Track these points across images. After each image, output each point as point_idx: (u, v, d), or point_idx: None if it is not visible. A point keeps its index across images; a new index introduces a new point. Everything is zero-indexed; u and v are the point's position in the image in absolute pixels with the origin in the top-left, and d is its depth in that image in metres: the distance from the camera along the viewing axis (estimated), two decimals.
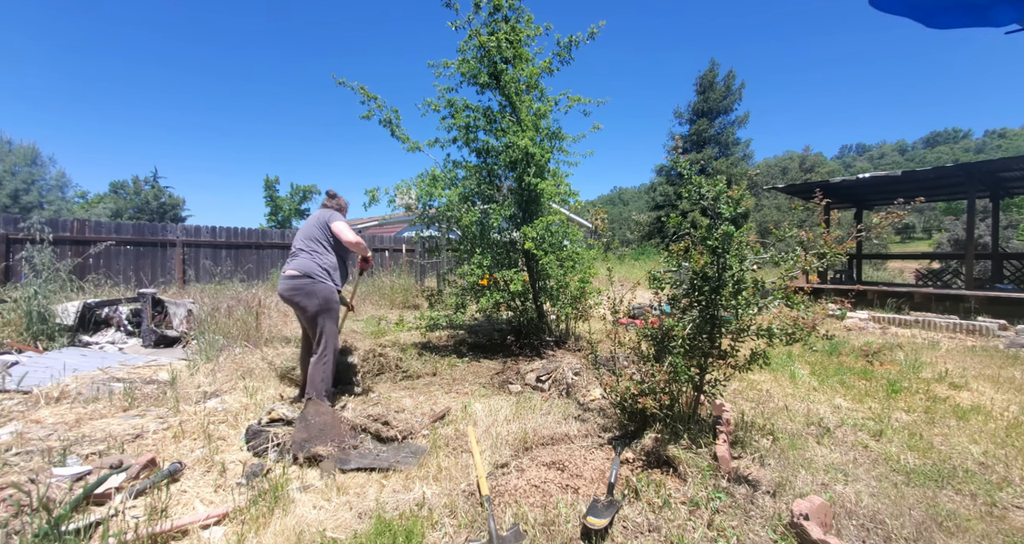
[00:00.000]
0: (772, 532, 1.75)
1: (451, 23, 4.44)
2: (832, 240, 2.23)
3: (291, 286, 2.93)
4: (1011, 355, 4.78)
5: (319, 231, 3.10)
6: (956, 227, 19.42)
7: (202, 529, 1.79)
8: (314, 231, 3.10)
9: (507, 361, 4.37)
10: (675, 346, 2.33)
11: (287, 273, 2.96)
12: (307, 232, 3.11)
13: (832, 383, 3.74)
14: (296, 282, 2.93)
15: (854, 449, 2.54)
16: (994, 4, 1.71)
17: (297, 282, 2.92)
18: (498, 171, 4.68)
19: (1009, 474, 2.29)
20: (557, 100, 4.67)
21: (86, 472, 2.14)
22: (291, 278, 2.94)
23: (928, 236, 46.50)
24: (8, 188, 26.73)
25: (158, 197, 32.82)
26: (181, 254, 9.49)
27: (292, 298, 2.95)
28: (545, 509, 1.86)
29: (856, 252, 11.32)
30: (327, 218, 3.12)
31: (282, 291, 2.97)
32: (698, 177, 2.41)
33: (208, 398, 3.28)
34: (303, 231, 3.14)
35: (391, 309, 7.97)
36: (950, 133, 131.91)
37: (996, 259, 9.96)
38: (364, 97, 4.43)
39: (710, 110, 30.96)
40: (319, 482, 2.17)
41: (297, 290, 2.92)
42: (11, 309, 4.95)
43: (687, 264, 2.37)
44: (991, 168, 7.79)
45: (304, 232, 3.13)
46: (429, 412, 3.04)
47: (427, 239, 5.36)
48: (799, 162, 48.54)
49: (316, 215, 3.19)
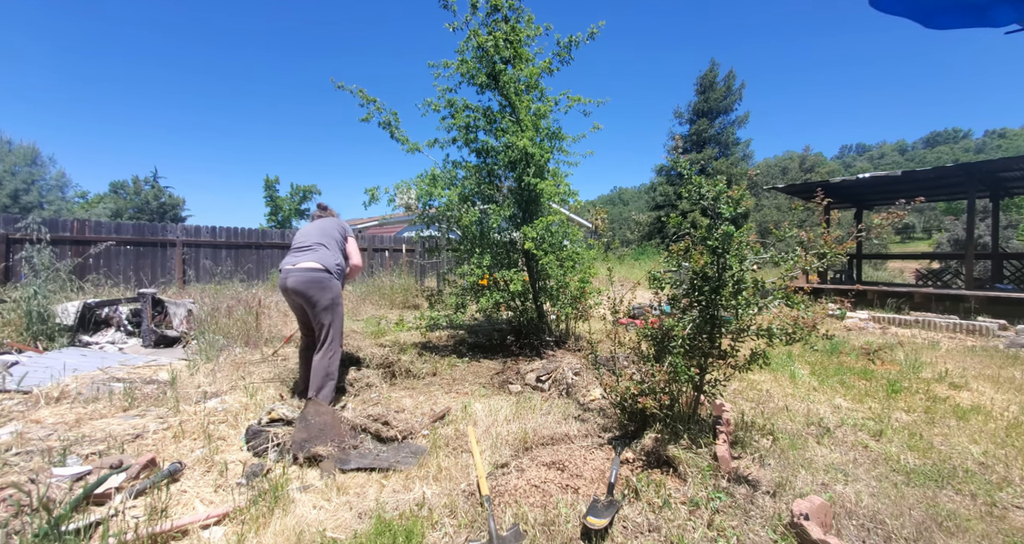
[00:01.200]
0: (772, 532, 1.75)
1: (449, 24, 4.44)
2: (832, 240, 2.23)
3: (309, 278, 2.92)
4: (1011, 355, 4.78)
5: (339, 235, 3.19)
6: (956, 227, 19.43)
7: (202, 529, 1.79)
8: (334, 233, 3.18)
9: (507, 361, 4.37)
10: (675, 346, 2.33)
11: (304, 265, 2.94)
12: (326, 231, 3.16)
13: (832, 383, 3.75)
14: (315, 275, 2.94)
15: (854, 449, 2.54)
16: (994, 4, 1.71)
17: (316, 275, 2.94)
18: (498, 171, 4.68)
19: (1009, 474, 2.29)
20: (557, 100, 4.67)
21: (86, 472, 2.14)
22: (311, 270, 2.94)
23: (928, 236, 46.50)
24: (8, 188, 26.74)
25: (158, 197, 32.82)
26: (181, 254, 9.49)
27: (307, 290, 2.92)
28: (545, 509, 1.86)
29: (856, 252, 11.32)
30: (345, 229, 3.30)
31: (295, 283, 2.91)
32: (698, 177, 2.41)
33: (208, 398, 3.28)
34: (320, 230, 3.16)
35: (391, 309, 7.98)
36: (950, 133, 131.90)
37: (996, 259, 9.97)
38: (363, 100, 4.42)
39: (710, 110, 30.97)
40: (319, 482, 2.17)
41: (314, 282, 2.93)
42: (11, 309, 4.95)
43: (687, 264, 2.37)
44: (991, 168, 7.79)
45: (321, 230, 3.15)
46: (429, 412, 3.04)
47: (427, 239, 5.36)
48: (799, 162, 48.54)
49: (332, 221, 3.32)
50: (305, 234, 3.15)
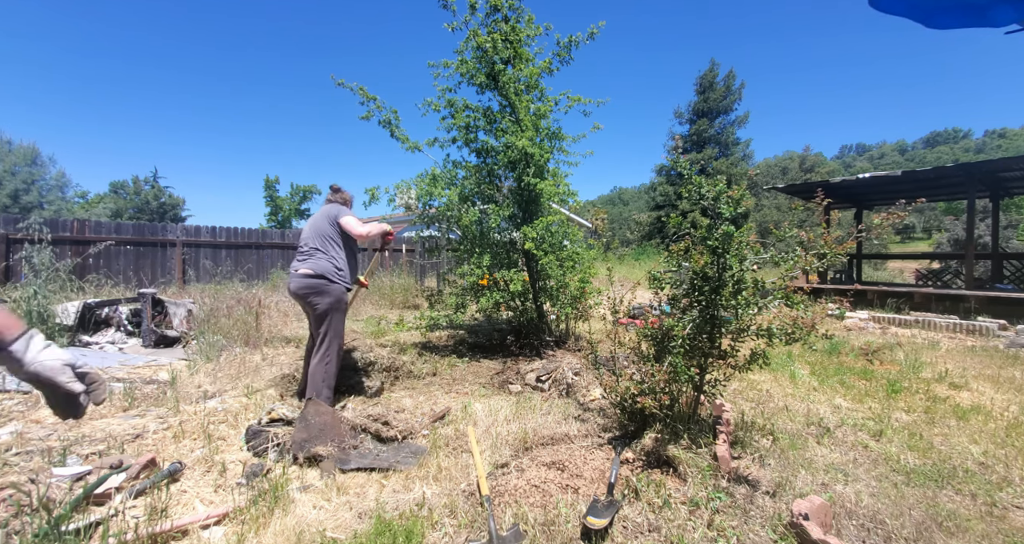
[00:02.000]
0: (772, 532, 1.75)
1: (448, 25, 4.43)
2: (832, 240, 2.23)
3: (304, 284, 2.95)
4: (1011, 355, 4.78)
5: (330, 227, 3.09)
6: (956, 227, 19.44)
7: (202, 529, 1.79)
8: (325, 228, 3.09)
9: (507, 361, 4.37)
10: (675, 346, 2.33)
11: (301, 271, 2.96)
12: (318, 229, 3.09)
13: (832, 383, 3.74)
14: (310, 281, 2.94)
15: (854, 449, 2.54)
16: (994, 4, 1.71)
17: (311, 281, 2.94)
18: (498, 171, 4.68)
19: (1009, 474, 2.29)
20: (557, 100, 4.67)
21: (86, 472, 2.14)
22: (305, 276, 2.95)
23: (928, 236, 46.51)
24: (8, 188, 26.75)
25: (158, 197, 32.84)
26: (181, 254, 9.49)
27: (304, 296, 2.97)
28: (545, 509, 1.86)
29: (856, 252, 11.33)
30: (335, 214, 3.12)
31: (295, 288, 2.99)
32: (698, 177, 2.41)
33: (208, 398, 3.28)
34: (313, 228, 3.12)
35: (391, 309, 7.97)
36: (950, 133, 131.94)
37: (996, 259, 9.97)
38: (363, 98, 4.42)
39: (710, 110, 30.99)
40: (319, 482, 2.17)
41: (310, 289, 2.94)
42: (11, 309, 4.94)
43: (687, 264, 2.37)
44: (991, 168, 7.80)
45: (315, 229, 3.10)
46: (429, 412, 3.04)
47: (427, 239, 5.36)
48: (799, 162, 48.57)
49: (324, 211, 3.18)
50: (304, 235, 3.14)
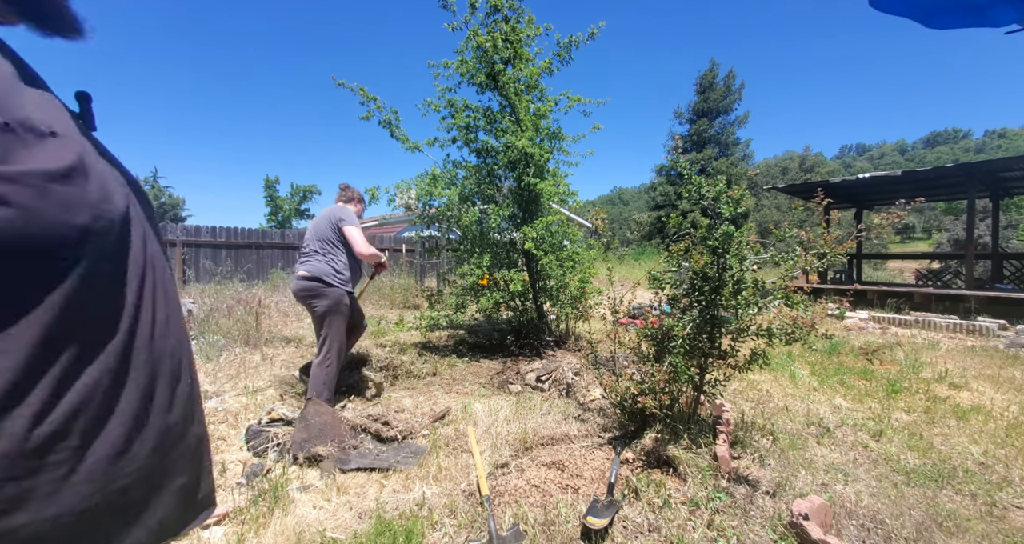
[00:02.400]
0: (772, 532, 1.75)
1: (448, 25, 4.43)
2: (832, 240, 2.23)
3: (302, 287, 2.97)
4: (1011, 355, 4.78)
5: (331, 231, 3.08)
6: (956, 227, 19.44)
7: (202, 529, 1.79)
8: (326, 231, 3.08)
9: (507, 361, 4.37)
10: (675, 346, 2.33)
11: (300, 273, 2.99)
12: (319, 231, 3.09)
13: (832, 383, 3.74)
14: (308, 283, 2.96)
15: (854, 449, 2.54)
16: (994, 4, 1.70)
17: (309, 283, 2.95)
18: (498, 171, 4.68)
19: (1009, 474, 2.29)
20: (557, 100, 4.67)
21: None
22: (303, 279, 2.96)
23: (928, 236, 46.51)
24: None
25: (158, 197, 32.82)
26: (181, 254, 9.49)
27: (303, 298, 3.00)
28: (545, 509, 1.86)
29: (856, 252, 11.32)
30: (338, 217, 3.08)
31: (294, 290, 3.04)
32: (698, 177, 2.41)
33: (208, 398, 3.28)
34: (315, 230, 3.11)
35: (391, 309, 7.98)
36: (950, 133, 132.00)
37: (996, 259, 9.97)
38: (364, 98, 4.42)
39: (710, 110, 31.00)
40: (319, 482, 2.17)
41: (308, 291, 2.96)
42: None
43: (687, 264, 2.37)
44: (991, 168, 7.79)
45: (316, 231, 3.10)
46: (429, 412, 3.04)
47: (427, 239, 5.36)
48: (799, 162, 48.58)
49: (327, 211, 3.15)
50: (306, 236, 3.15)
